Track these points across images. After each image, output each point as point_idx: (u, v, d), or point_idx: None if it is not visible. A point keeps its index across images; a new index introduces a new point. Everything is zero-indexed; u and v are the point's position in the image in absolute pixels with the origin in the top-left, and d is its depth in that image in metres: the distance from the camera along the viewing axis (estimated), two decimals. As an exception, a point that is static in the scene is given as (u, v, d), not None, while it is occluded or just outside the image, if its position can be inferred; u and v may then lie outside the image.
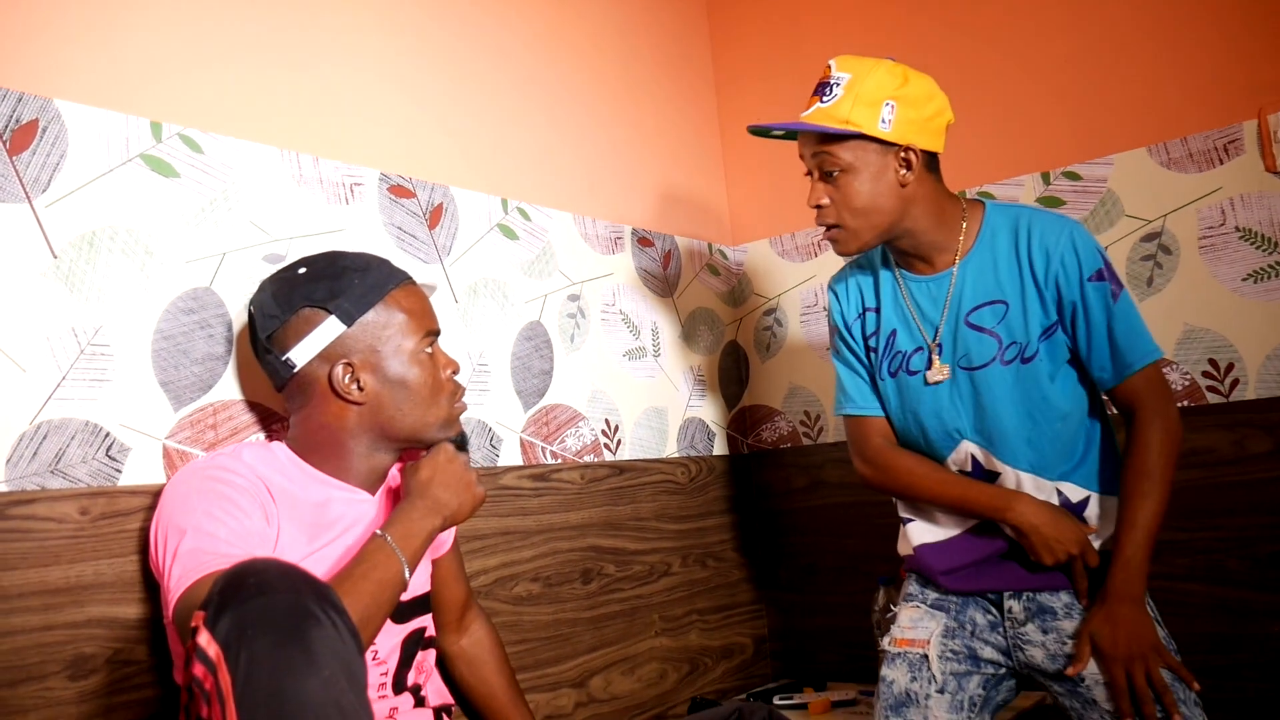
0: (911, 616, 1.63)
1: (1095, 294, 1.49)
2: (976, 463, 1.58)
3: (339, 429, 1.33)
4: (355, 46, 1.78)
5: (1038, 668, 1.55)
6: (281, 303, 1.32)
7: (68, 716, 1.26)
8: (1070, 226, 1.53)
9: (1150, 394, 1.50)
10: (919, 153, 1.52)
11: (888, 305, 1.64)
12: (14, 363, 1.29)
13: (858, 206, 1.51)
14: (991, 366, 1.54)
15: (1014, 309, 1.53)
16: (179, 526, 1.20)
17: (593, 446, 2.10)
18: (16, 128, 1.32)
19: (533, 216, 2.05)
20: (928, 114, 1.52)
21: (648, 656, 2.13)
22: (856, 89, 1.48)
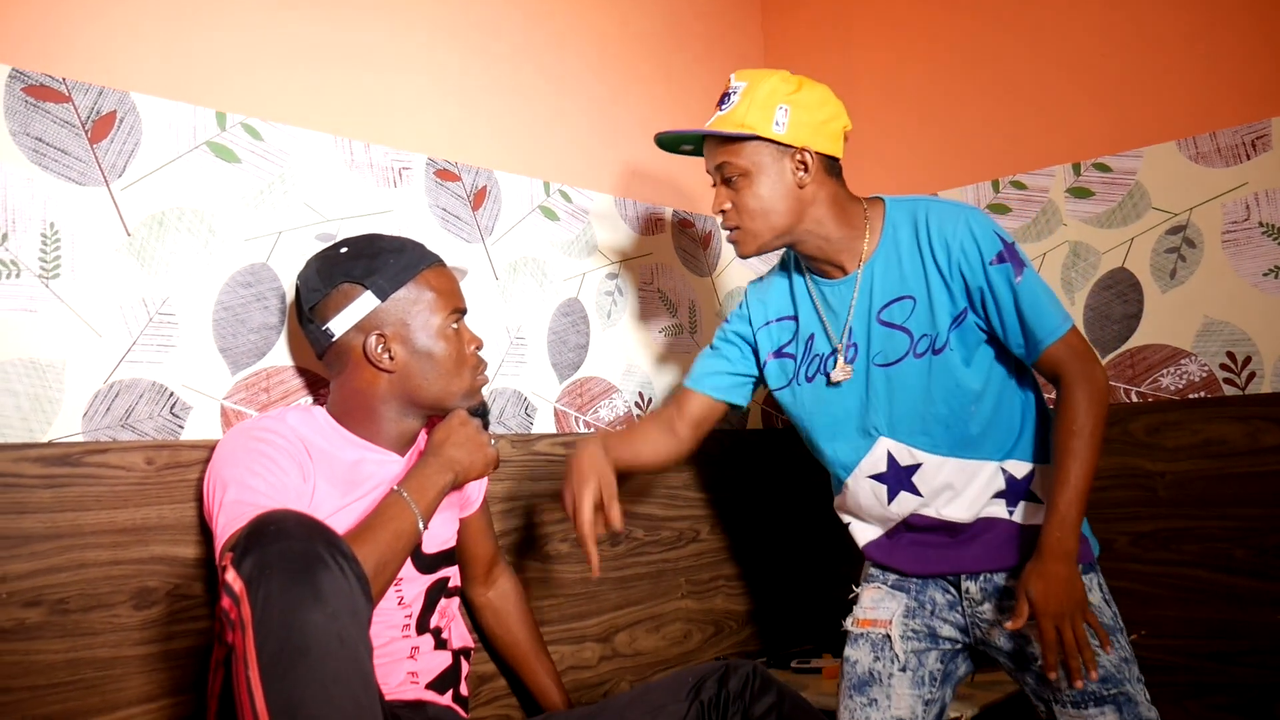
0: (873, 597, 1.70)
1: (999, 276, 1.52)
2: (893, 460, 1.62)
3: (371, 394, 1.48)
4: (404, 40, 1.91)
5: (995, 646, 1.61)
6: (324, 278, 1.47)
7: (131, 641, 1.44)
8: (966, 213, 1.56)
9: (1070, 358, 1.52)
10: (815, 155, 1.57)
11: (805, 311, 1.69)
12: (91, 329, 1.46)
13: (755, 209, 1.57)
14: (905, 361, 1.58)
15: (920, 303, 1.57)
16: (225, 481, 1.35)
17: (626, 418, 2.22)
18: (97, 118, 1.49)
19: (574, 198, 2.17)
20: (822, 118, 1.57)
21: (673, 617, 2.26)
22: (751, 95, 1.56)
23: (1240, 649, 1.92)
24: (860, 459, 1.64)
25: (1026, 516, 1.59)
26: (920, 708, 1.61)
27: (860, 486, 1.66)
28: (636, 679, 2.15)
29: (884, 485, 1.64)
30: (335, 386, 1.51)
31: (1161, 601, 2.01)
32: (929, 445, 1.59)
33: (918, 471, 1.61)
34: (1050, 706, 1.55)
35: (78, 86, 1.47)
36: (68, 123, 1.46)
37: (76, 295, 1.45)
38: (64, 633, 1.38)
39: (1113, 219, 2.11)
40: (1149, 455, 2.02)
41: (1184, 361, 2.01)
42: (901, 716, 1.60)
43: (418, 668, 1.48)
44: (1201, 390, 1.99)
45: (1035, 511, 1.59)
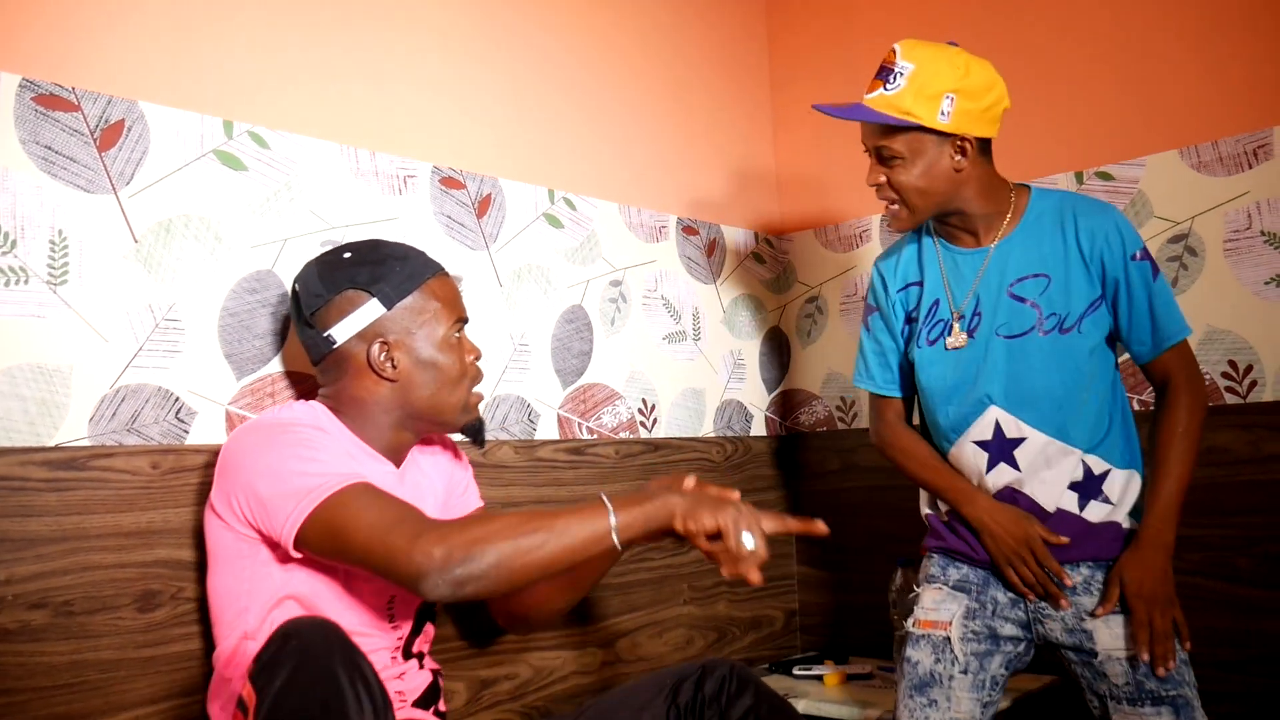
0: (934, 598, 1.71)
1: (1137, 272, 1.59)
2: (999, 430, 1.65)
3: (371, 402, 1.45)
4: (410, 50, 1.93)
5: (1055, 640, 1.64)
6: (326, 283, 1.44)
7: (135, 643, 1.46)
8: (1113, 210, 1.64)
9: (1182, 366, 1.62)
10: (974, 141, 1.61)
11: (931, 276, 1.74)
12: (98, 334, 1.48)
13: (911, 189, 1.62)
14: (1030, 335, 1.63)
15: (1056, 283, 1.62)
16: (271, 469, 1.29)
17: (628, 424, 2.23)
18: (105, 127, 1.51)
19: (578, 206, 2.18)
20: (986, 104, 1.60)
21: (675, 623, 2.26)
22: (919, 81, 1.56)
23: (1245, 657, 1.92)
24: (969, 425, 1.67)
25: (1094, 514, 1.63)
26: (979, 710, 1.63)
27: (964, 451, 1.69)
28: (639, 685, 2.16)
29: (986, 453, 1.67)
30: (331, 393, 1.48)
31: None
32: (1036, 421, 1.63)
33: (1021, 445, 1.64)
34: (1105, 702, 1.59)
35: (86, 95, 1.49)
36: (77, 131, 1.48)
37: (84, 301, 1.47)
38: (68, 635, 1.40)
39: (1117, 224, 2.11)
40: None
41: (1186, 370, 2.01)
42: (960, 718, 1.62)
43: (405, 686, 1.47)
44: (1204, 399, 1.99)
45: (1103, 511, 1.63)
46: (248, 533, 1.34)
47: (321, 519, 1.25)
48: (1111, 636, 1.57)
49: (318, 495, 1.26)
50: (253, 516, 1.32)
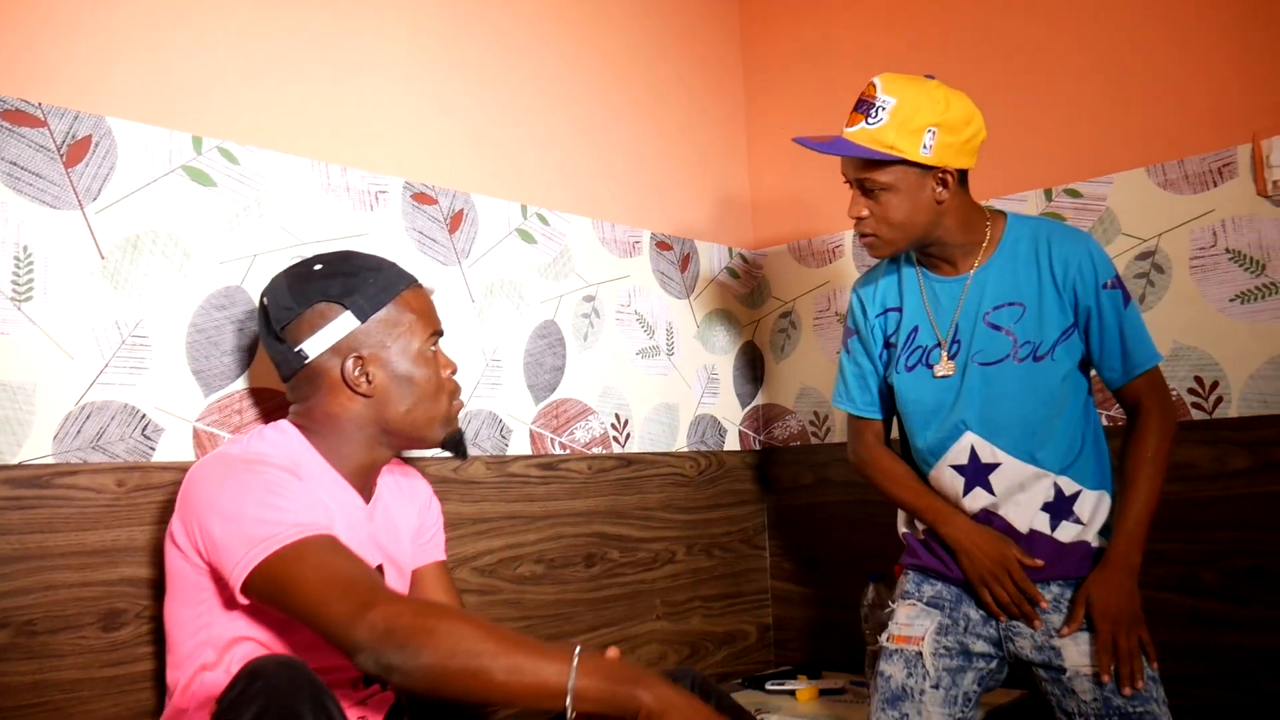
0: (908, 614, 1.72)
1: (1109, 300, 1.62)
2: (975, 455, 1.67)
3: (345, 419, 1.39)
4: (382, 64, 1.93)
5: (1026, 658, 1.66)
6: (297, 296, 1.38)
7: (99, 663, 1.44)
8: (1087, 239, 1.67)
9: (1152, 391, 1.64)
10: (954, 173, 1.62)
11: (910, 303, 1.75)
12: (63, 351, 1.47)
13: (894, 221, 1.63)
14: (1005, 363, 1.65)
15: (1030, 311, 1.65)
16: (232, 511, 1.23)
17: (601, 439, 2.23)
18: (72, 142, 1.50)
19: (551, 221, 2.19)
20: (966, 136, 1.61)
21: (648, 638, 2.26)
22: (902, 115, 1.57)
23: (1210, 671, 1.94)
24: (947, 449, 1.69)
25: (1065, 535, 1.65)
26: None
27: (943, 474, 1.71)
28: (611, 700, 2.15)
29: (962, 477, 1.68)
30: (302, 410, 1.42)
31: (1134, 624, 2.02)
32: (1009, 446, 1.65)
33: (995, 470, 1.66)
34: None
35: (53, 111, 1.48)
36: (43, 147, 1.47)
37: (49, 318, 1.46)
38: (30, 654, 1.39)
39: (1089, 244, 2.13)
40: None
41: (1153, 386, 2.03)
42: None
43: (369, 711, 1.43)
44: (1170, 414, 2.01)
45: (1073, 531, 1.65)
46: (203, 566, 1.28)
47: (270, 571, 1.19)
48: (1080, 654, 1.58)
49: (270, 545, 1.20)
50: (206, 553, 1.26)
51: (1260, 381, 1.92)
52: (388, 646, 1.11)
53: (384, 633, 1.11)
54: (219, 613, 1.30)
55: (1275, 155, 1.91)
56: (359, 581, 1.17)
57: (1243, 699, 1.90)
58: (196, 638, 1.31)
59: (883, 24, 2.50)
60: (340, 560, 1.20)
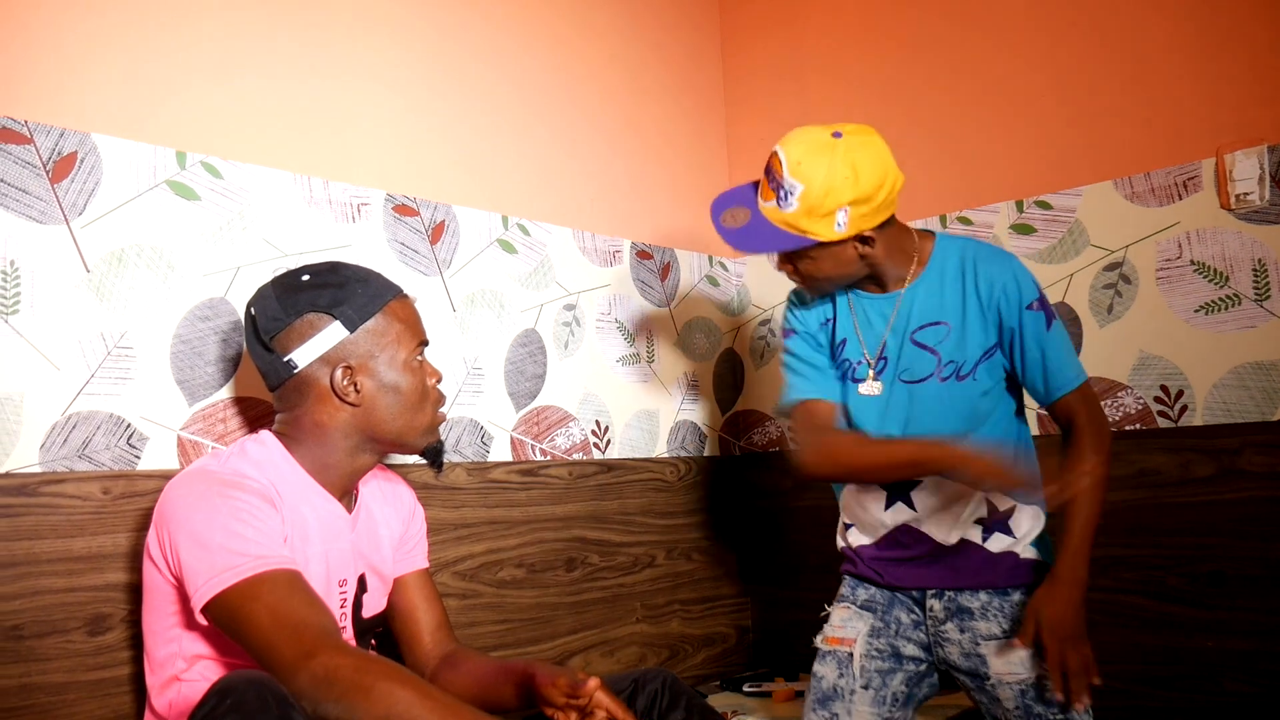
0: (842, 616, 1.77)
1: (1031, 322, 1.62)
2: None
3: (331, 428, 1.41)
4: (363, 77, 1.97)
5: (953, 664, 1.69)
6: (285, 306, 1.39)
7: (86, 666, 1.48)
8: (1012, 260, 1.67)
9: (1082, 405, 1.64)
10: (875, 231, 1.61)
11: (842, 317, 1.77)
12: (49, 362, 1.50)
13: (820, 279, 1.66)
14: (929, 381, 1.67)
15: (954, 331, 1.66)
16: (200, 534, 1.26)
17: (582, 445, 2.27)
18: (58, 159, 1.54)
19: (532, 232, 2.23)
20: (880, 201, 1.58)
21: (628, 640, 2.30)
22: (809, 201, 1.55)
23: (1175, 674, 1.98)
24: None
25: (997, 545, 1.68)
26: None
27: (860, 491, 1.74)
28: (591, 702, 2.19)
29: (883, 492, 1.71)
30: (289, 418, 1.44)
31: (1100, 628, 2.05)
32: None
33: (917, 488, 1.69)
34: None
35: (39, 128, 1.52)
36: (29, 163, 1.51)
37: (35, 330, 1.49)
38: (17, 658, 1.42)
39: (1053, 255, 2.18)
40: None
41: (1121, 394, 2.08)
42: None
43: None
44: (1137, 422, 2.06)
45: (1004, 543, 1.68)
46: (174, 581, 1.31)
47: (227, 603, 1.22)
48: (1003, 662, 1.62)
49: (230, 576, 1.22)
50: (175, 571, 1.29)
51: (1223, 391, 1.97)
52: (325, 698, 1.13)
53: (323, 682, 1.13)
54: (186, 629, 1.33)
55: (1238, 169, 1.95)
56: (307, 627, 1.19)
57: (1206, 700, 1.95)
58: (168, 648, 1.34)
59: (859, 38, 2.54)
60: (295, 601, 1.22)
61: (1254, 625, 1.91)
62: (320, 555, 1.41)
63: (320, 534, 1.42)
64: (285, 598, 1.22)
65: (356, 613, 1.49)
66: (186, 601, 1.29)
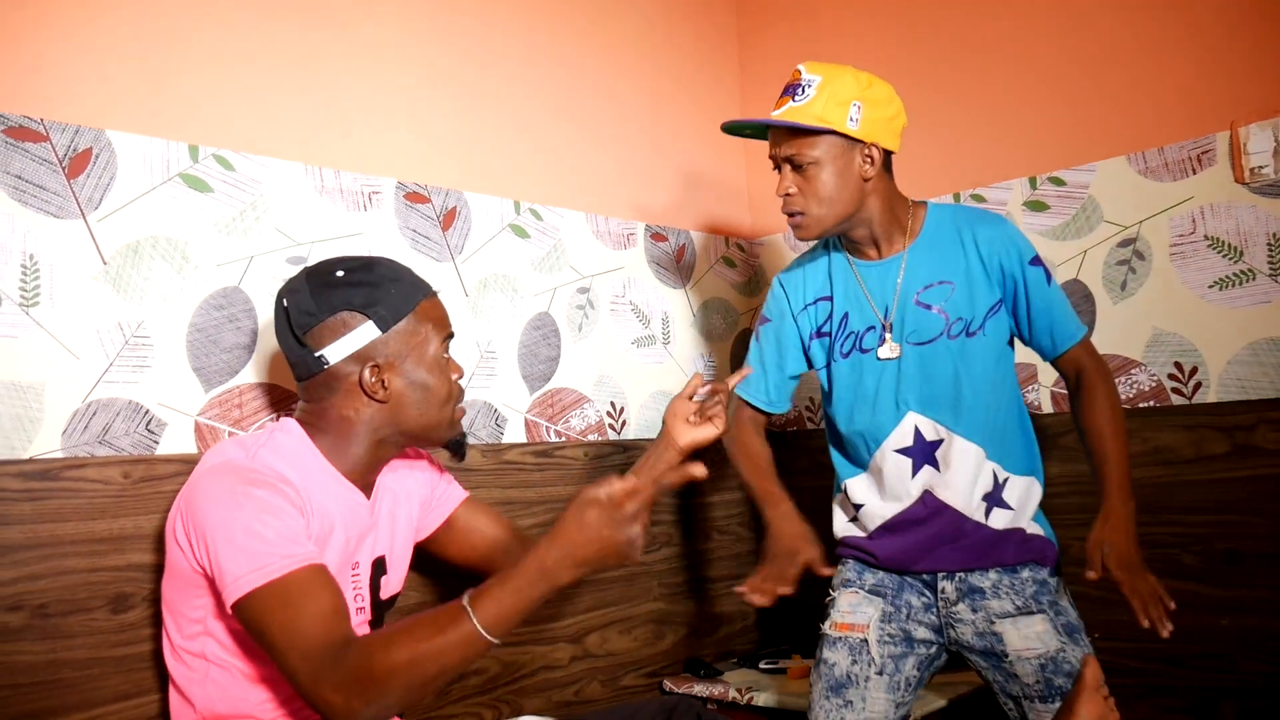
0: (851, 602, 1.78)
1: (1035, 276, 1.68)
2: (919, 434, 1.72)
3: (358, 422, 1.45)
4: (371, 67, 2.01)
5: (966, 644, 1.70)
6: (320, 302, 1.42)
7: (109, 644, 1.54)
8: (1005, 221, 1.74)
9: (1089, 356, 1.71)
10: (880, 150, 1.68)
11: (839, 291, 1.80)
12: (70, 352, 1.56)
13: (823, 197, 1.68)
14: (939, 341, 1.70)
15: (960, 288, 1.70)
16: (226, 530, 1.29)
17: (597, 426, 2.30)
18: (74, 155, 1.59)
19: (544, 216, 2.26)
20: (889, 114, 1.69)
21: (645, 618, 2.34)
22: (827, 90, 1.65)
23: (1189, 652, 1.97)
24: (888, 433, 1.74)
25: (998, 522, 1.70)
26: (893, 710, 1.70)
27: (886, 460, 1.75)
28: (607, 679, 2.24)
29: (909, 459, 1.73)
30: (315, 410, 1.46)
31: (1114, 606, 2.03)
32: (952, 423, 1.70)
33: (940, 447, 1.71)
34: (1020, 703, 1.65)
35: (55, 126, 1.58)
36: (46, 160, 1.56)
37: (55, 321, 1.55)
38: (44, 635, 1.49)
39: (1067, 231, 2.16)
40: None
41: (1134, 371, 2.06)
42: (874, 719, 1.68)
43: None
44: (1151, 399, 2.04)
45: (1005, 518, 1.69)
46: (200, 570, 1.35)
47: (254, 605, 1.26)
48: (1020, 638, 1.63)
49: (260, 576, 1.26)
50: (205, 565, 1.32)
51: (1238, 367, 1.95)
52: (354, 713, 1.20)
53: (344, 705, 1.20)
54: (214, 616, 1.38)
55: (1252, 143, 1.93)
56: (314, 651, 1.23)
57: (1222, 679, 1.94)
58: (191, 627, 1.40)
59: (872, 18, 2.53)
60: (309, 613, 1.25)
61: (1270, 603, 1.89)
62: (341, 543, 1.46)
63: (342, 522, 1.46)
64: (300, 611, 1.25)
65: (375, 595, 1.55)
66: (213, 586, 1.34)
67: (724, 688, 2.20)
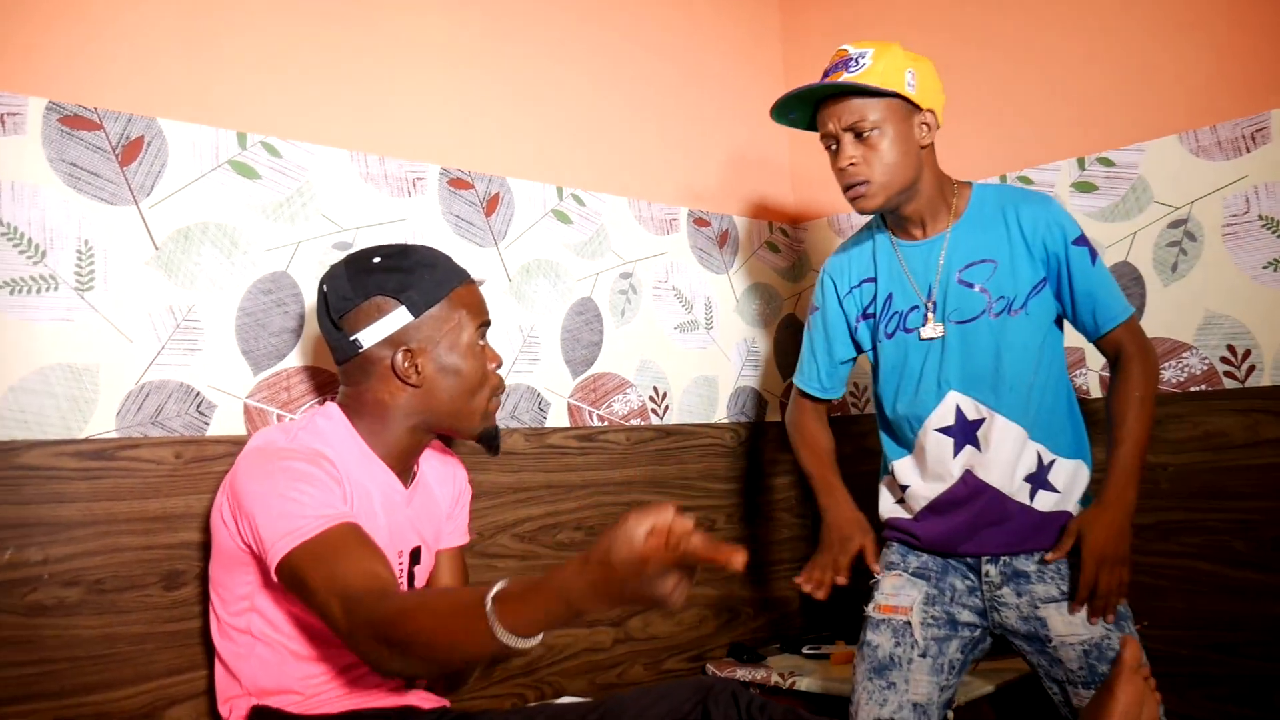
0: (894, 584, 1.77)
1: (1078, 255, 1.67)
2: (961, 414, 1.71)
3: (391, 406, 1.48)
4: (416, 54, 2.03)
5: (1010, 629, 1.69)
6: (355, 287, 1.47)
7: (162, 619, 1.59)
8: (1050, 200, 1.72)
9: (1131, 337, 1.68)
10: (935, 118, 1.70)
11: (883, 271, 1.80)
12: (123, 335, 1.60)
13: (887, 163, 1.67)
14: (981, 319, 1.69)
15: (1003, 266, 1.69)
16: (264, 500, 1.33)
17: (639, 411, 2.31)
18: (126, 143, 1.63)
19: (587, 202, 2.27)
20: (937, 86, 1.72)
21: (688, 603, 2.34)
22: (883, 60, 1.66)
23: (1241, 640, 1.94)
24: (930, 412, 1.74)
25: (1043, 504, 1.68)
26: (936, 693, 1.69)
27: (929, 439, 1.74)
28: (650, 662, 2.25)
29: (950, 439, 1.73)
30: (352, 393, 1.51)
31: (1164, 593, 2.03)
32: (994, 403, 1.69)
33: (981, 426, 1.70)
34: (1064, 688, 1.64)
35: (108, 115, 1.61)
36: (99, 148, 1.60)
37: (109, 305, 1.59)
38: (100, 610, 1.53)
39: (1116, 213, 2.13)
40: (1151, 448, 2.01)
41: (1185, 355, 2.03)
42: (917, 701, 1.68)
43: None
44: (1203, 383, 2.01)
45: (1051, 500, 1.68)
46: (245, 548, 1.39)
47: (293, 565, 1.27)
48: (1065, 623, 1.61)
49: (295, 538, 1.28)
50: (250, 540, 1.36)
51: (1293, 349, 1.91)
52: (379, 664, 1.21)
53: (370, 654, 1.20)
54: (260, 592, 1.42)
55: (1309, 119, 1.88)
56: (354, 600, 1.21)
57: (1273, 668, 1.90)
58: (239, 604, 1.44)
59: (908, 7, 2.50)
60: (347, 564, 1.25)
61: (1324, 590, 1.86)
62: (381, 527, 1.48)
63: (381, 504, 1.49)
64: (339, 562, 1.26)
65: (411, 584, 1.57)
66: (259, 562, 1.38)
67: (766, 672, 2.20)
